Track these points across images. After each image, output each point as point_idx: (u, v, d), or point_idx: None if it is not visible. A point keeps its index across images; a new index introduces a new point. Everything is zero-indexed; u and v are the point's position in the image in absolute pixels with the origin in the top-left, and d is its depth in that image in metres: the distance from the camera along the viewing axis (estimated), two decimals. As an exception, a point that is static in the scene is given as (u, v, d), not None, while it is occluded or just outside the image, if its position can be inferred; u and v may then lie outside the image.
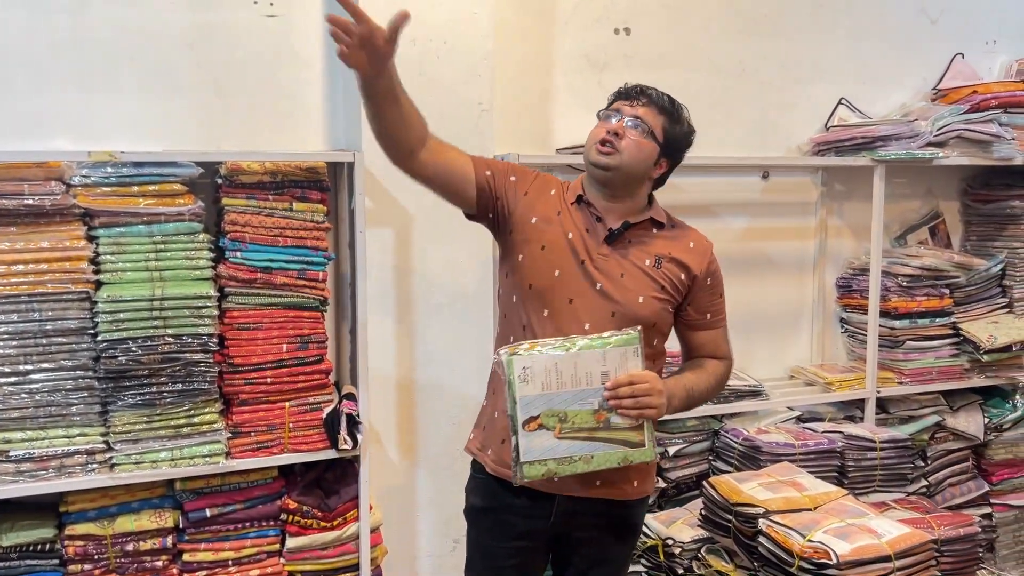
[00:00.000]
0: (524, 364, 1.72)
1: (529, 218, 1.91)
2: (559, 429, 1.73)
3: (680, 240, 1.95)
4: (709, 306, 1.98)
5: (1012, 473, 3.34)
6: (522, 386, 1.72)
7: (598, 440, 1.75)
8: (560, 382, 1.73)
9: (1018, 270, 3.31)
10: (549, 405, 1.73)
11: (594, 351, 1.74)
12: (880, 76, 3.32)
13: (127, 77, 2.43)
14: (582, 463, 1.75)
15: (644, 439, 1.77)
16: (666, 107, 1.90)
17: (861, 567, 2.06)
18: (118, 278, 2.22)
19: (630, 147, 1.86)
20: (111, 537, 2.26)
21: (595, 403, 1.75)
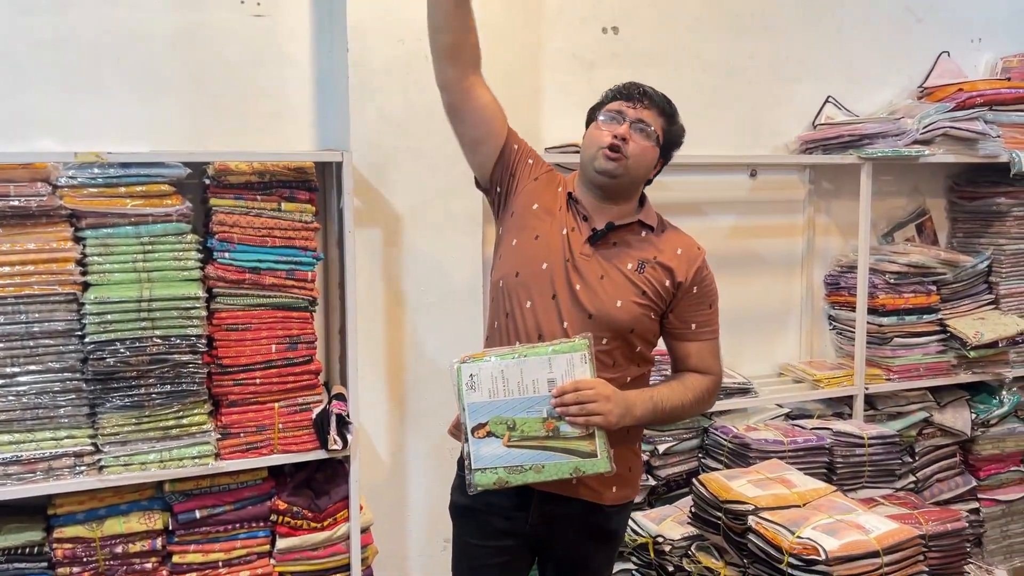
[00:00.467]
0: (471, 371, 1.73)
1: (531, 204, 1.90)
2: (508, 437, 1.73)
3: (668, 245, 1.92)
4: (694, 316, 1.92)
5: (999, 468, 3.36)
6: (469, 393, 1.73)
7: (548, 449, 1.74)
8: (507, 389, 1.73)
9: (1004, 267, 3.34)
10: (497, 412, 1.73)
11: (540, 358, 1.73)
12: (867, 74, 3.34)
13: (113, 78, 2.42)
14: (532, 472, 1.74)
15: (596, 449, 1.74)
16: (666, 108, 1.90)
17: (850, 563, 2.07)
18: (105, 279, 2.20)
19: (636, 153, 1.84)
20: (100, 539, 2.25)
21: (543, 411, 1.74)
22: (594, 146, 1.85)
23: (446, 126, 2.58)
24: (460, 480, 1.99)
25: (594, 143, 1.86)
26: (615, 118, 1.86)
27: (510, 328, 1.87)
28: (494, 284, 1.95)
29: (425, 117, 2.57)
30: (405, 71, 2.53)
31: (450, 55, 1.83)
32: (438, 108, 2.57)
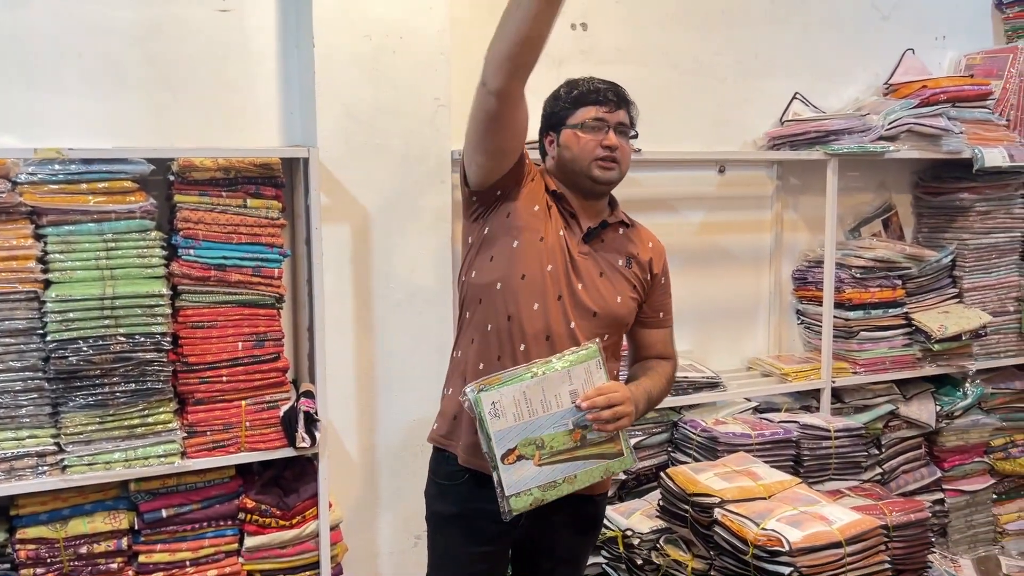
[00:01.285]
0: (493, 399, 1.72)
1: (532, 206, 1.89)
2: (538, 457, 1.74)
3: (641, 239, 2.00)
4: (662, 304, 2.03)
5: (963, 459, 3.41)
6: (494, 421, 1.71)
7: (578, 459, 1.77)
8: (531, 410, 1.73)
9: (967, 261, 3.38)
10: (524, 435, 1.73)
11: (559, 372, 1.75)
12: (833, 71, 3.37)
13: (74, 73, 2.39)
14: (567, 484, 1.77)
15: (621, 448, 1.80)
16: (629, 100, 1.94)
17: (813, 553, 2.09)
18: (67, 277, 2.18)
19: (625, 156, 1.90)
20: (64, 540, 2.23)
21: (569, 423, 1.76)
22: (588, 157, 1.87)
23: (414, 123, 2.60)
24: (437, 487, 1.97)
25: (586, 154, 1.87)
26: (597, 127, 1.87)
27: (514, 331, 1.84)
28: (486, 286, 1.88)
29: (392, 113, 2.56)
30: (372, 67, 2.52)
31: (525, 70, 1.71)
32: (405, 104, 2.58)
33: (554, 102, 1.94)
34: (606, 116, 1.87)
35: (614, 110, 1.88)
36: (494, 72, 1.71)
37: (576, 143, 1.88)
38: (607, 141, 1.85)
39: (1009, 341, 3.48)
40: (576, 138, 1.88)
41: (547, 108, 1.96)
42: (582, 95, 1.90)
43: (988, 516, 3.48)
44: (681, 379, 2.92)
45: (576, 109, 1.89)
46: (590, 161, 1.86)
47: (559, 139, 1.92)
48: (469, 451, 1.87)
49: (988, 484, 3.46)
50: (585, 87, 1.91)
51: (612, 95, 1.89)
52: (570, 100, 1.91)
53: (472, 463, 1.87)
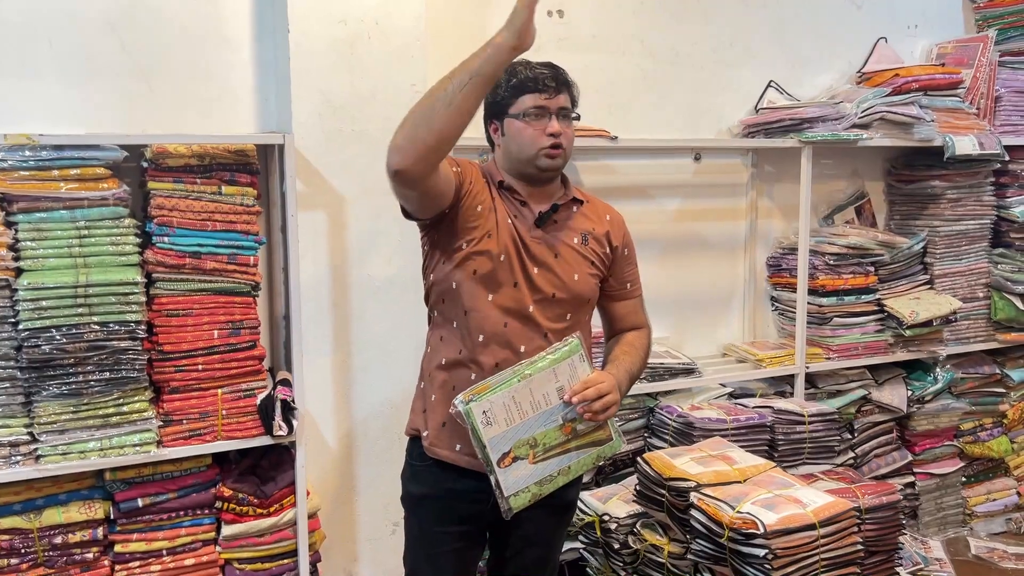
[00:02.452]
0: (483, 408, 1.74)
1: (475, 207, 1.89)
2: (532, 456, 1.78)
3: (598, 214, 2.00)
4: (628, 276, 2.05)
5: (934, 443, 3.47)
6: (487, 429, 1.74)
7: (571, 450, 1.82)
8: (522, 412, 1.77)
9: (938, 248, 3.43)
10: (517, 437, 1.77)
11: (544, 372, 1.78)
12: (808, 59, 3.40)
13: (46, 60, 2.36)
14: (561, 476, 1.82)
15: (610, 433, 1.85)
16: (568, 81, 1.93)
17: (787, 535, 2.12)
18: (39, 265, 2.15)
19: (570, 140, 1.91)
20: (38, 530, 2.21)
21: (559, 419, 1.80)
22: (533, 147, 1.86)
23: (389, 109, 2.58)
24: (412, 469, 1.99)
25: (532, 144, 1.86)
26: (540, 114, 1.86)
27: (472, 324, 1.87)
28: (445, 287, 1.90)
29: (368, 99, 2.55)
30: (348, 53, 2.51)
31: (434, 162, 1.69)
32: (382, 91, 2.57)
33: (495, 90, 1.90)
34: (547, 103, 1.86)
35: (554, 95, 1.86)
36: (411, 162, 1.66)
37: (520, 134, 1.87)
38: (551, 129, 1.85)
39: (978, 327, 3.54)
40: (520, 128, 1.87)
41: (489, 97, 1.91)
42: (521, 83, 1.87)
43: (957, 498, 3.55)
44: (657, 365, 2.94)
45: (517, 97, 1.87)
46: (536, 151, 1.86)
47: (503, 128, 1.92)
48: (432, 440, 1.93)
49: (957, 467, 3.52)
50: (524, 74, 1.88)
51: (551, 80, 1.87)
52: (510, 88, 1.88)
53: (436, 453, 1.92)
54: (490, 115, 1.96)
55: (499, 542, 2.01)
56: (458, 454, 1.90)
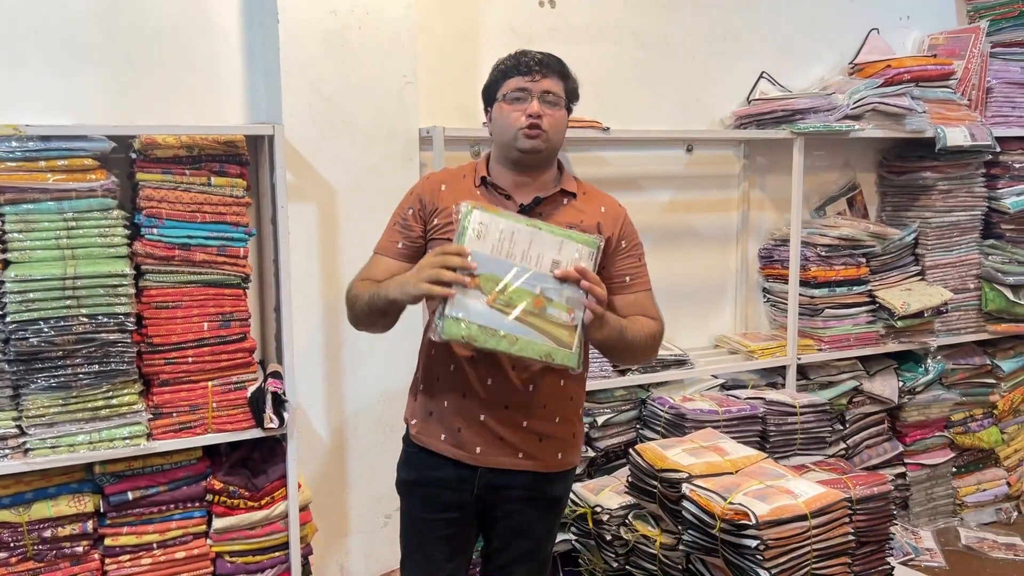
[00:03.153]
0: (482, 220, 1.67)
1: (432, 221, 1.90)
2: (494, 297, 1.66)
3: (591, 207, 1.94)
4: (627, 269, 1.95)
5: (924, 434, 3.48)
6: (472, 239, 1.67)
7: (528, 325, 1.67)
8: (510, 252, 1.68)
9: (929, 239, 3.44)
10: (491, 270, 1.66)
11: (553, 236, 1.70)
12: (800, 50, 3.39)
13: (31, 49, 2.33)
14: (506, 341, 1.66)
15: (573, 342, 1.69)
16: (561, 69, 1.89)
17: (779, 526, 2.13)
18: (27, 257, 2.14)
19: (552, 125, 1.85)
20: (27, 524, 2.20)
21: (538, 288, 1.68)
22: (511, 129, 1.84)
23: (380, 100, 2.57)
24: (407, 455, 2.00)
25: (510, 126, 1.84)
26: (521, 96, 1.84)
27: None
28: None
29: (359, 90, 2.54)
30: (339, 43, 2.49)
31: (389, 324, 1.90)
32: (373, 81, 2.56)
33: (488, 79, 1.93)
34: (529, 85, 1.84)
35: (538, 79, 1.84)
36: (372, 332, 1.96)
37: (501, 115, 1.87)
38: (530, 110, 1.82)
39: (969, 318, 3.55)
40: (501, 110, 1.87)
41: (484, 86, 1.94)
42: (507, 68, 1.88)
43: (948, 489, 3.56)
44: (634, 365, 2.93)
45: (503, 82, 1.87)
46: (515, 132, 1.83)
47: (492, 113, 1.92)
48: (421, 431, 1.94)
49: (948, 458, 3.53)
50: (511, 60, 1.89)
51: (535, 64, 1.85)
52: (498, 73, 1.90)
53: (421, 440, 1.93)
54: (485, 104, 1.95)
55: (488, 534, 2.01)
56: (443, 443, 1.90)
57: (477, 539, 2.05)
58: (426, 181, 1.99)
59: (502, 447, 1.86)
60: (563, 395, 1.91)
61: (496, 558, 1.99)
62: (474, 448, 1.87)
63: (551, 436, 1.90)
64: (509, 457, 1.87)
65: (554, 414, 1.90)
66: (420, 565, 1.99)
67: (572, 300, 1.70)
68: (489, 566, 2.01)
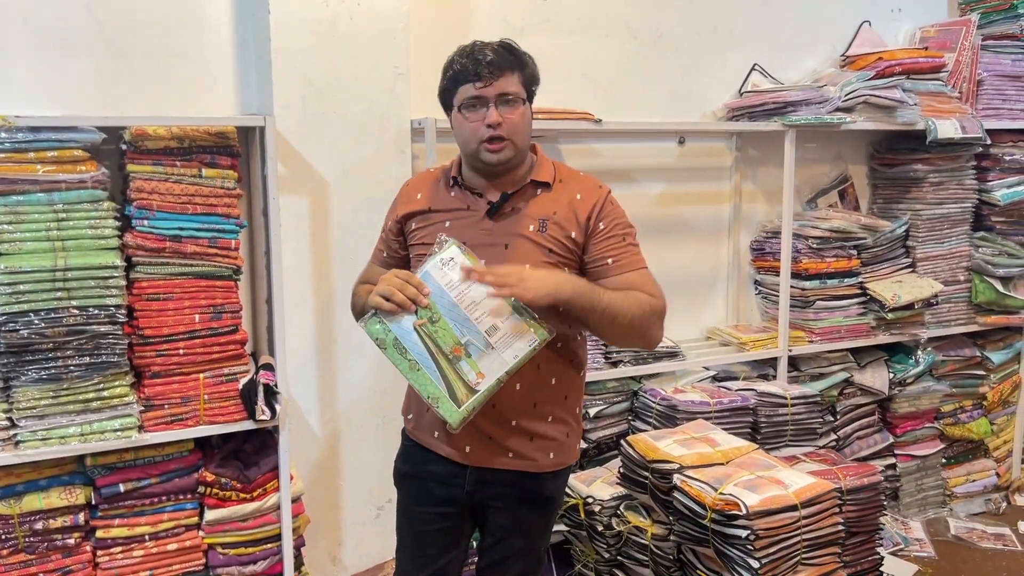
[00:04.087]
0: (454, 255, 1.74)
1: (409, 228, 1.91)
2: (422, 322, 1.72)
3: (565, 195, 1.86)
4: (608, 250, 1.84)
5: (914, 425, 3.50)
6: (436, 266, 1.74)
7: (437, 364, 1.72)
8: (463, 295, 1.72)
9: (920, 231, 3.45)
10: (436, 300, 1.73)
11: (505, 306, 1.71)
12: (792, 43, 3.40)
13: (19, 39, 2.32)
14: (407, 364, 1.72)
15: (465, 403, 1.71)
16: (513, 61, 1.79)
17: (769, 516, 2.14)
18: (16, 248, 2.13)
19: (515, 128, 1.78)
20: (19, 516, 2.19)
21: (464, 338, 1.71)
22: (473, 141, 1.78)
23: (372, 91, 2.57)
24: (404, 448, 2.01)
25: (472, 138, 1.78)
26: (475, 105, 1.77)
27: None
28: None
29: (350, 81, 2.53)
30: (329, 33, 2.48)
31: None
32: (364, 72, 2.55)
33: (440, 82, 1.85)
34: (483, 92, 1.75)
35: (491, 82, 1.75)
36: None
37: (460, 127, 1.81)
38: (488, 119, 1.75)
39: (959, 310, 3.57)
40: (459, 121, 1.81)
41: (439, 89, 1.87)
42: (456, 74, 1.79)
43: (937, 480, 3.59)
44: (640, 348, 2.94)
45: (456, 89, 1.80)
46: (477, 145, 1.78)
47: (452, 120, 1.86)
48: (417, 427, 1.95)
49: (938, 449, 3.55)
50: (458, 64, 1.79)
51: (486, 68, 1.75)
52: (449, 80, 1.82)
53: (417, 437, 1.95)
54: (443, 107, 1.89)
55: (483, 529, 2.01)
56: (436, 441, 1.90)
57: (473, 533, 2.05)
58: (405, 189, 2.00)
59: (491, 447, 1.85)
60: (556, 395, 1.89)
61: (490, 553, 1.99)
62: (464, 447, 1.87)
63: (543, 436, 1.88)
64: (498, 457, 1.86)
65: (546, 414, 1.88)
66: (413, 557, 1.99)
67: (487, 364, 1.72)
68: (483, 561, 2.01)
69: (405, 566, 2.02)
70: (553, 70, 2.96)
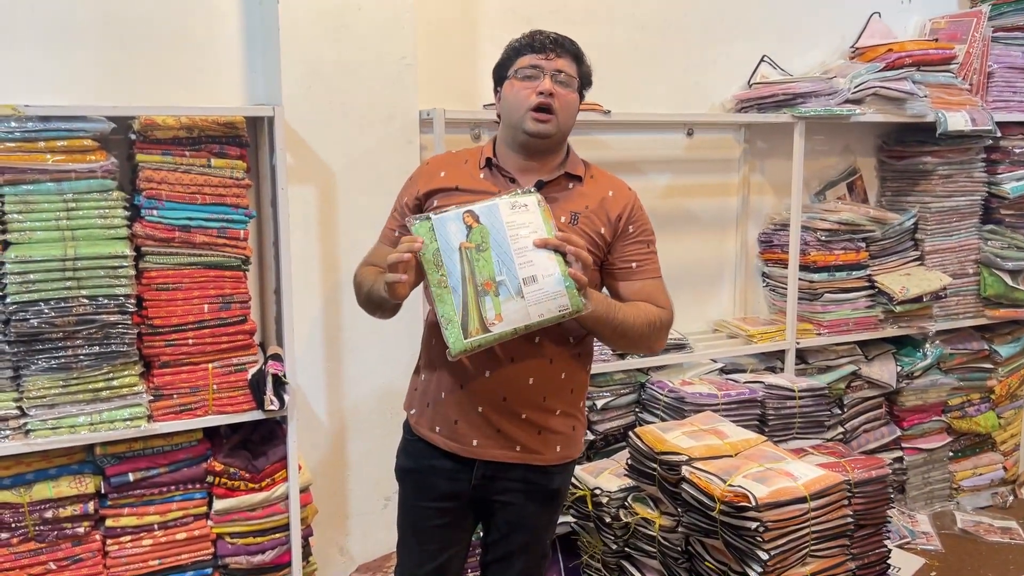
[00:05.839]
0: (528, 203, 1.69)
1: (431, 205, 1.88)
2: (469, 246, 1.68)
3: (597, 191, 1.89)
4: (634, 255, 1.89)
5: (922, 418, 3.49)
6: (507, 203, 1.69)
7: (463, 287, 1.68)
8: (516, 238, 1.67)
9: (929, 224, 3.43)
10: (492, 231, 1.68)
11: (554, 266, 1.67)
12: (801, 34, 3.37)
13: (27, 29, 2.32)
14: (436, 278, 1.69)
15: (472, 336, 1.67)
16: (575, 51, 1.86)
17: (778, 508, 2.14)
18: (27, 238, 2.13)
19: (564, 107, 1.81)
20: (28, 504, 2.21)
21: (502, 274, 1.67)
22: (521, 108, 1.80)
23: (380, 82, 2.56)
24: (405, 443, 2.00)
25: (520, 105, 1.80)
26: (532, 74, 1.80)
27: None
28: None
29: (358, 70, 2.53)
30: (338, 23, 2.48)
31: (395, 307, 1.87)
32: (372, 62, 2.54)
33: (500, 57, 1.90)
34: (542, 63, 1.80)
35: (552, 57, 1.80)
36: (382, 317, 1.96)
37: (511, 92, 1.83)
38: (541, 87, 1.78)
39: (967, 303, 3.55)
40: (512, 87, 1.83)
41: (496, 64, 1.91)
42: (521, 45, 1.85)
43: (944, 473, 3.58)
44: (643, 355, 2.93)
45: (516, 59, 1.84)
46: (524, 111, 1.79)
47: (502, 92, 1.88)
48: (419, 423, 1.93)
49: (945, 442, 3.55)
50: (525, 38, 1.85)
51: (550, 43, 1.81)
52: (511, 51, 1.87)
53: (420, 432, 1.93)
54: (496, 82, 1.92)
55: (487, 524, 2.00)
56: (438, 436, 1.89)
57: (475, 529, 2.04)
58: (425, 167, 1.98)
59: (500, 440, 1.85)
60: (564, 388, 1.89)
61: (495, 548, 1.98)
62: (471, 441, 1.86)
63: (551, 429, 1.88)
64: (506, 450, 1.86)
65: (554, 407, 1.88)
66: (414, 552, 1.98)
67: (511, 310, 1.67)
68: (488, 556, 2.00)
69: (406, 562, 2.01)
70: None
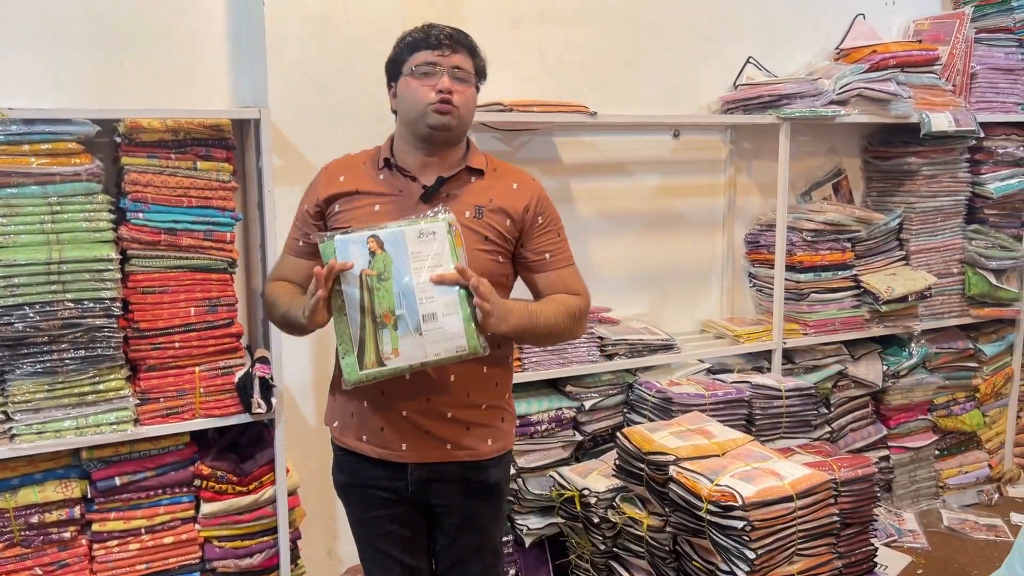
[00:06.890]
0: (437, 230, 1.66)
1: (332, 211, 1.86)
2: (370, 274, 1.64)
3: (502, 184, 1.86)
4: (546, 246, 1.88)
5: (908, 417, 3.52)
6: (414, 231, 1.66)
7: (361, 316, 1.65)
8: (419, 271, 1.64)
9: (914, 224, 3.46)
10: (395, 261, 1.65)
11: (455, 304, 1.65)
12: (786, 35, 3.39)
13: (11, 30, 2.30)
14: (338, 304, 1.66)
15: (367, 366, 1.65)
16: (470, 45, 1.83)
17: (765, 507, 2.15)
18: (11, 241, 2.12)
19: (463, 103, 1.79)
20: (14, 510, 2.19)
21: (401, 307, 1.64)
22: (420, 104, 1.77)
23: (367, 81, 2.56)
24: (336, 459, 1.96)
25: (419, 101, 1.77)
26: (429, 71, 1.78)
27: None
28: None
29: (345, 72, 2.52)
30: (325, 24, 2.48)
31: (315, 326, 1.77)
32: (358, 63, 2.54)
33: (393, 51, 1.86)
34: (439, 60, 1.77)
35: (448, 53, 1.78)
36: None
37: (409, 90, 1.79)
38: (440, 85, 1.76)
39: (952, 302, 3.58)
40: (409, 85, 1.80)
41: (388, 59, 1.87)
42: (415, 40, 1.81)
43: (930, 471, 3.60)
44: (636, 341, 2.95)
45: (410, 55, 1.81)
46: (424, 107, 1.76)
47: (397, 88, 1.85)
48: (342, 433, 1.91)
49: (931, 441, 3.57)
50: (419, 33, 1.82)
51: (446, 38, 1.78)
52: (404, 46, 1.83)
53: (343, 443, 1.91)
54: (388, 78, 1.88)
55: (434, 531, 1.95)
56: (366, 444, 1.86)
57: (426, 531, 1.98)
58: (324, 172, 1.94)
59: (429, 441, 1.82)
60: (487, 382, 1.86)
61: (447, 555, 1.94)
62: (399, 445, 1.83)
63: (478, 424, 1.86)
64: (438, 450, 1.83)
65: (480, 402, 1.85)
66: (377, 562, 1.95)
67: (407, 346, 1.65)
68: (442, 565, 1.96)
69: (376, 572, 1.97)
70: (547, 62, 2.97)
